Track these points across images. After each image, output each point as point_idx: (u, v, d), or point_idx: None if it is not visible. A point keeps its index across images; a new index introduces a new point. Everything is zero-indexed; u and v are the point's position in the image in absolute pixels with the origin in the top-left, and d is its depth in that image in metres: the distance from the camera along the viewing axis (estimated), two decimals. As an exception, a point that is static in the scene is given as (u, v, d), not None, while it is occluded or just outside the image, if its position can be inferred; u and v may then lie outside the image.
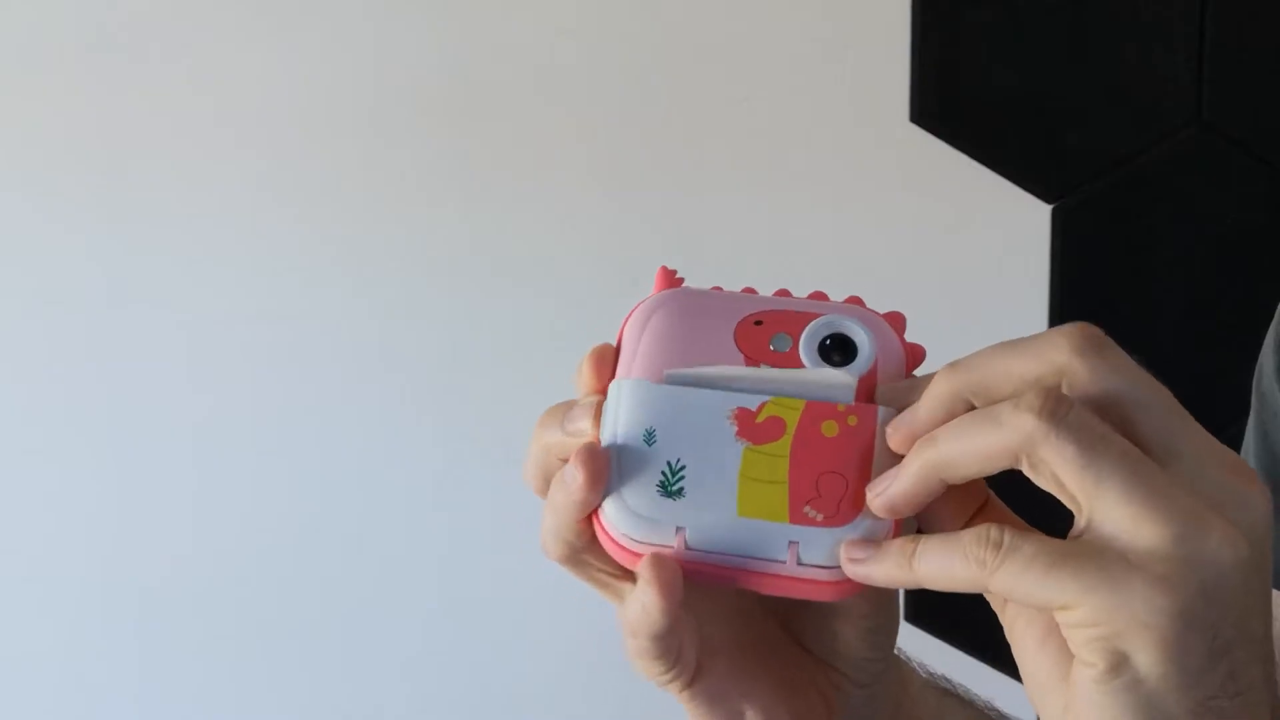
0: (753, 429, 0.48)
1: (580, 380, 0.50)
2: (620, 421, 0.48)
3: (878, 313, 0.51)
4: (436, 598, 1.59)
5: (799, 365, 0.49)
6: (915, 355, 0.50)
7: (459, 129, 1.54)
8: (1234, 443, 0.82)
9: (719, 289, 0.51)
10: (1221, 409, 0.85)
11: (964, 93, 1.50)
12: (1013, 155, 1.50)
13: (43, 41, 1.55)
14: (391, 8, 1.53)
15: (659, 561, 0.46)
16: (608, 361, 0.50)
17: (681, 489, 0.47)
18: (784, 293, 0.51)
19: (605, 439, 0.48)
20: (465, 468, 1.56)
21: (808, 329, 0.49)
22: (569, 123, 1.54)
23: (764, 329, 0.49)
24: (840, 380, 0.49)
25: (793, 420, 0.48)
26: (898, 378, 0.49)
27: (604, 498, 0.47)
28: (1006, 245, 1.51)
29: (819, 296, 0.51)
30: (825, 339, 0.49)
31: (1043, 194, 1.51)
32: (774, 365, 0.49)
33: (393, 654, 1.60)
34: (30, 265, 1.58)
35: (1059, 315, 1.51)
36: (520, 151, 1.54)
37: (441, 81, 1.53)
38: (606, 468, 0.47)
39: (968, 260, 1.52)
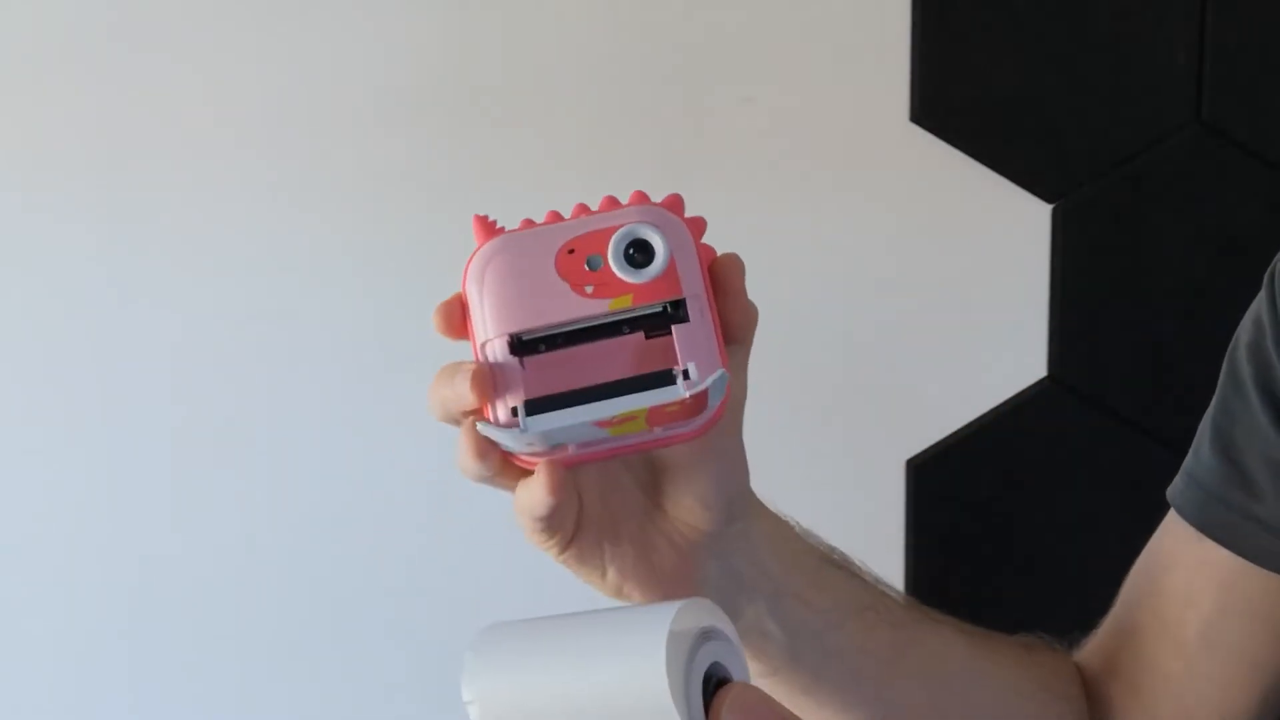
0: (611, 425, 0.58)
1: (439, 328, 0.60)
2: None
3: (659, 205, 0.60)
4: (436, 598, 1.59)
5: (613, 278, 0.58)
6: (698, 227, 0.60)
7: (460, 129, 1.54)
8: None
9: (530, 222, 0.60)
10: (1222, 408, 0.85)
11: (964, 93, 1.50)
12: (1013, 155, 1.50)
13: (43, 40, 1.55)
14: (393, 8, 1.53)
15: (550, 467, 0.59)
16: (456, 315, 0.59)
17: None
18: (583, 208, 0.60)
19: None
20: (465, 468, 1.55)
21: (611, 244, 0.58)
22: (569, 123, 1.54)
23: (578, 255, 0.59)
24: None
25: (642, 416, 0.58)
26: (690, 254, 0.58)
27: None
28: (1006, 245, 1.51)
29: (611, 204, 0.60)
30: (627, 249, 0.58)
31: (1043, 194, 1.51)
32: (594, 285, 0.58)
33: (393, 655, 1.60)
34: (29, 265, 1.58)
35: (1059, 315, 1.51)
36: (521, 151, 1.54)
37: (442, 81, 1.53)
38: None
39: (968, 260, 1.52)
